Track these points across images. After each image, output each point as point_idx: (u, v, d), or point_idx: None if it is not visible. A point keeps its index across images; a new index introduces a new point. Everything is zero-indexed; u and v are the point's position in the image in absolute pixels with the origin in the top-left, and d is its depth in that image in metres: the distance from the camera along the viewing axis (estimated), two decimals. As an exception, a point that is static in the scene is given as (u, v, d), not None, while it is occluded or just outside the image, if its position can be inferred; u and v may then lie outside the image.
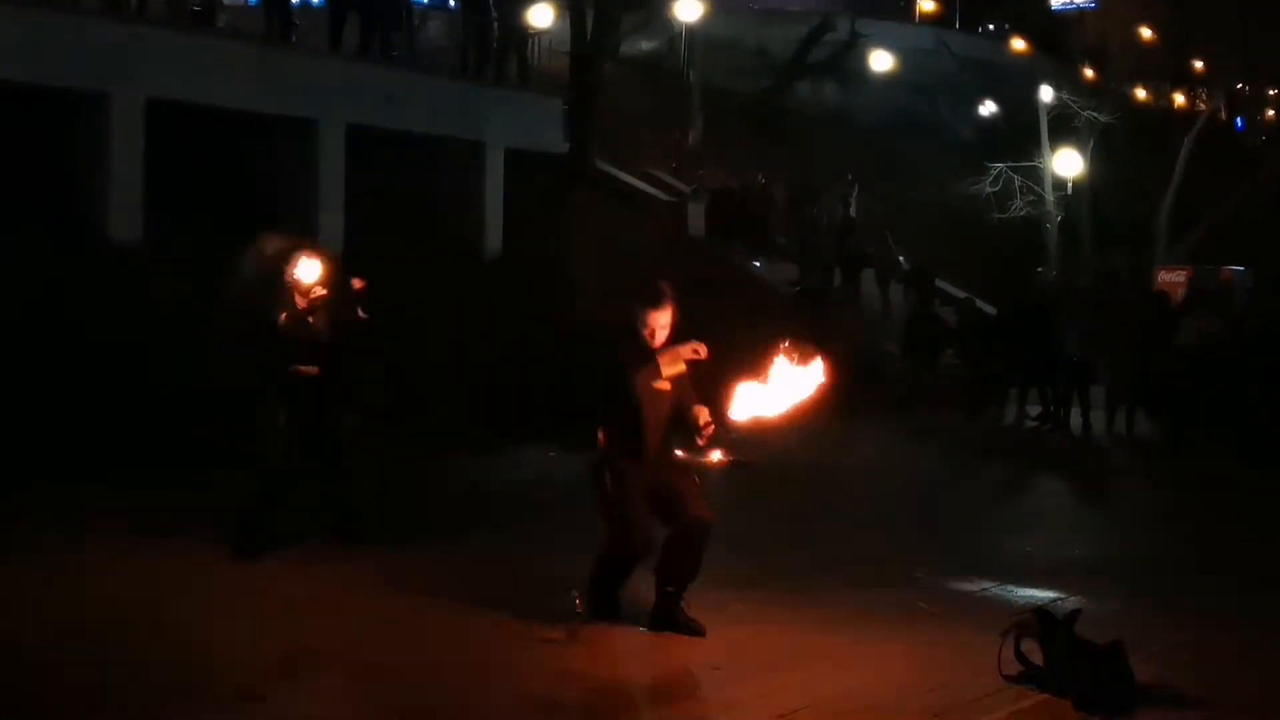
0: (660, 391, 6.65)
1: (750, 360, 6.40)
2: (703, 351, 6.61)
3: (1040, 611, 6.10)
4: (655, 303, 6.71)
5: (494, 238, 18.05)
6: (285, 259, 8.03)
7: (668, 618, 6.69)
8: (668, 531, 6.66)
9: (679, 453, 6.73)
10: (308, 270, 7.98)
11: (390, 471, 10.89)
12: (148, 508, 9.22)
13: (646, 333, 6.70)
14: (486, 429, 12.54)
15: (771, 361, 6.36)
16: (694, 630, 6.64)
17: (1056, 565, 8.54)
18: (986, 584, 7.80)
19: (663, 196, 23.38)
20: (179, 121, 14.23)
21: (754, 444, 6.58)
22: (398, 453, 11.44)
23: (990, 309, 20.50)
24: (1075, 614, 5.97)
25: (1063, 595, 7.29)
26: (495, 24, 19.35)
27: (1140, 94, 44.57)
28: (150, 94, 14.12)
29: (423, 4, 19.13)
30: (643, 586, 6.79)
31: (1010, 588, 7.73)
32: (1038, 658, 5.90)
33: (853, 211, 24.89)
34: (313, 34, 17.79)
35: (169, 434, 10.62)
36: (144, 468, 10.08)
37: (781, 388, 6.35)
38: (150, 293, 12.34)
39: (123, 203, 13.96)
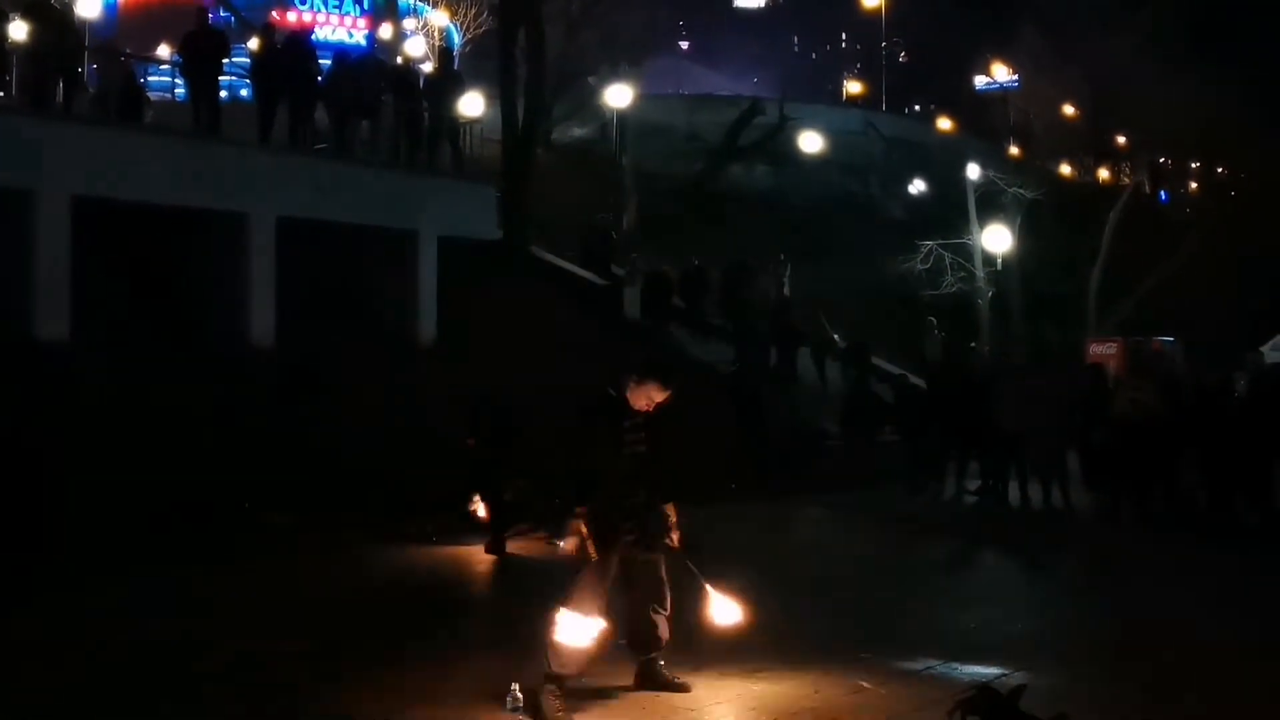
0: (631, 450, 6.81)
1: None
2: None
3: (984, 688, 6.03)
4: (660, 379, 6.87)
5: (428, 325, 17.96)
6: None
7: (651, 679, 7.03)
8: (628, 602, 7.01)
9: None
10: None
11: (328, 561, 10.77)
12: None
13: (633, 399, 6.82)
14: (420, 518, 12.34)
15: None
16: (679, 688, 6.98)
17: (1000, 641, 8.49)
18: (931, 662, 7.74)
19: (598, 280, 23.43)
20: (107, 217, 14.10)
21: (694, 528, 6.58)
22: (336, 543, 11.29)
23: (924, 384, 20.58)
24: (1020, 690, 5.89)
25: (1007, 671, 7.24)
26: (426, 113, 19.38)
27: (1065, 170, 45.46)
28: (76, 191, 14.00)
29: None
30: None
31: (954, 665, 7.66)
32: (983, 736, 5.82)
33: (786, 290, 25.03)
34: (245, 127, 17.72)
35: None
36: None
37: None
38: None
39: (49, 299, 13.79)
